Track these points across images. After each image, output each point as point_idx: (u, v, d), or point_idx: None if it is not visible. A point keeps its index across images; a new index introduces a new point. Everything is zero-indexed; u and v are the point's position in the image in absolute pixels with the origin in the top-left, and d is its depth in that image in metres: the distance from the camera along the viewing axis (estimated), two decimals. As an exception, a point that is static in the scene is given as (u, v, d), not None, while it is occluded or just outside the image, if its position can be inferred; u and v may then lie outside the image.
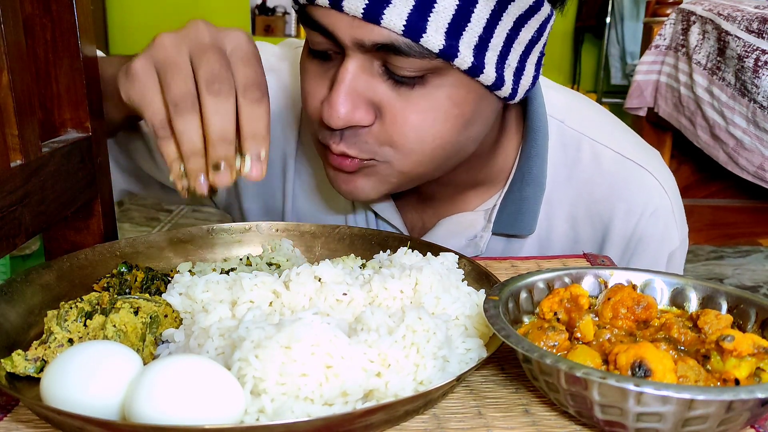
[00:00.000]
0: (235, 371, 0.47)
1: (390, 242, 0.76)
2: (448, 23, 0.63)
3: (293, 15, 4.71)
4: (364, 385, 0.48)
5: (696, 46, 1.94)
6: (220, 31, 0.63)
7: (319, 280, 0.59)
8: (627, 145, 0.87)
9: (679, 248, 0.88)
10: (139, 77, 0.60)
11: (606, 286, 0.60)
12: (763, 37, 1.69)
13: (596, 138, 0.85)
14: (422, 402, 0.50)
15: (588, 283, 0.61)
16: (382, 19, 0.62)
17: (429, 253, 0.69)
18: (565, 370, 0.45)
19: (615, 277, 0.61)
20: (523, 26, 0.68)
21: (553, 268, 0.61)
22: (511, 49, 0.68)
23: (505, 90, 0.69)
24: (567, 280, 0.60)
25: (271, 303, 0.59)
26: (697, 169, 2.18)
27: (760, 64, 1.68)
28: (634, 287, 0.58)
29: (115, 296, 0.59)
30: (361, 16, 0.62)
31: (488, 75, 0.67)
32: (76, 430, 0.46)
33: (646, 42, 2.30)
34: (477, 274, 0.69)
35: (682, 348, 0.52)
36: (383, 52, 0.64)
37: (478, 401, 0.53)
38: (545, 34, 0.72)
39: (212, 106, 0.58)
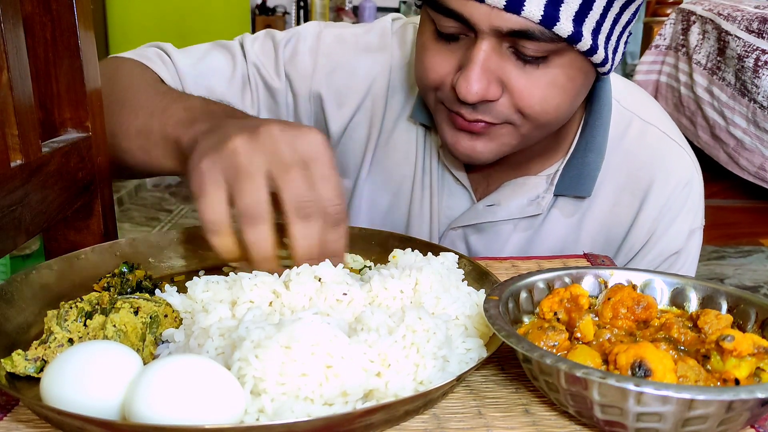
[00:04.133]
0: (235, 371, 0.47)
1: (390, 242, 0.76)
2: (576, 11, 0.71)
3: (293, 15, 4.71)
4: (364, 385, 0.48)
5: (696, 46, 1.94)
6: (297, 138, 0.63)
7: (319, 280, 0.59)
8: (670, 127, 0.96)
9: (698, 230, 0.96)
10: (204, 178, 0.61)
11: (606, 286, 0.60)
12: (763, 37, 1.69)
13: (645, 118, 0.94)
14: (422, 402, 0.50)
15: (588, 283, 0.61)
16: (523, 9, 0.70)
17: (429, 253, 0.69)
18: (565, 370, 0.45)
19: (615, 277, 0.61)
20: (626, 10, 0.77)
21: (553, 268, 0.61)
22: (614, 30, 0.77)
23: (607, 66, 0.79)
24: (567, 280, 0.60)
25: (271, 303, 0.58)
26: (697, 170, 2.18)
27: (760, 64, 1.68)
28: (634, 287, 0.58)
29: (115, 296, 0.59)
30: (503, 7, 0.70)
31: (599, 55, 0.75)
32: (76, 430, 0.46)
33: (646, 42, 2.30)
34: (477, 274, 0.69)
35: (682, 348, 0.52)
36: (515, 37, 0.72)
37: (478, 401, 0.53)
38: (637, 15, 0.80)
39: (301, 231, 0.61)
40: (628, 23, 0.79)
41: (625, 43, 0.82)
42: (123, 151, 0.82)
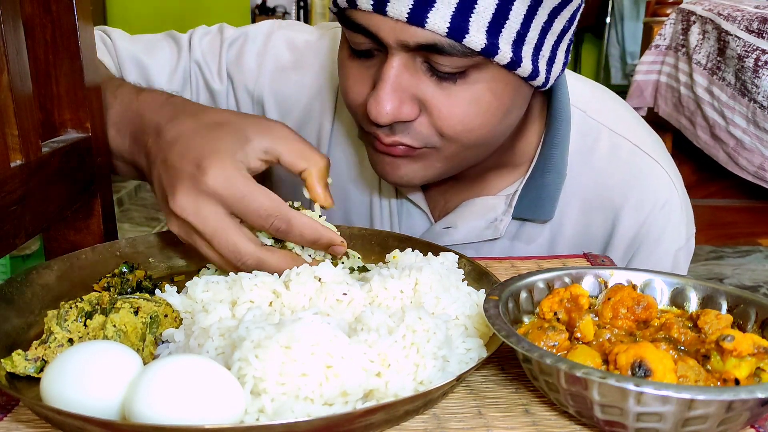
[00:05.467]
0: (235, 371, 0.47)
1: (390, 242, 0.77)
2: (489, 22, 0.65)
3: (293, 15, 4.71)
4: (364, 385, 0.48)
5: (696, 46, 1.94)
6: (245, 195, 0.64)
7: (319, 280, 0.59)
8: (644, 139, 0.89)
9: (684, 247, 0.89)
10: (178, 223, 0.65)
11: (606, 286, 0.60)
12: (763, 37, 1.69)
13: (615, 129, 0.87)
14: (422, 402, 0.50)
15: (588, 283, 0.61)
16: (426, 22, 0.64)
17: (429, 253, 0.69)
18: (565, 370, 0.45)
19: (615, 277, 0.61)
20: (557, 17, 0.70)
21: (553, 268, 0.61)
22: (545, 40, 0.70)
23: (540, 79, 0.72)
24: (567, 280, 0.60)
25: (271, 303, 0.59)
26: (697, 169, 2.18)
27: (760, 64, 1.68)
28: (634, 287, 0.58)
29: (115, 296, 0.59)
30: (406, 19, 0.64)
31: (525, 67, 0.69)
32: (76, 430, 0.46)
33: (646, 42, 2.30)
34: (477, 274, 0.69)
35: (682, 348, 0.52)
36: (425, 51, 0.66)
37: (478, 401, 0.53)
38: (575, 22, 0.74)
39: (270, 264, 0.63)
40: (564, 31, 0.72)
41: (566, 51, 0.75)
42: None
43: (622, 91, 1.28)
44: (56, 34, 0.72)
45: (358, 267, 0.71)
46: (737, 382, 0.47)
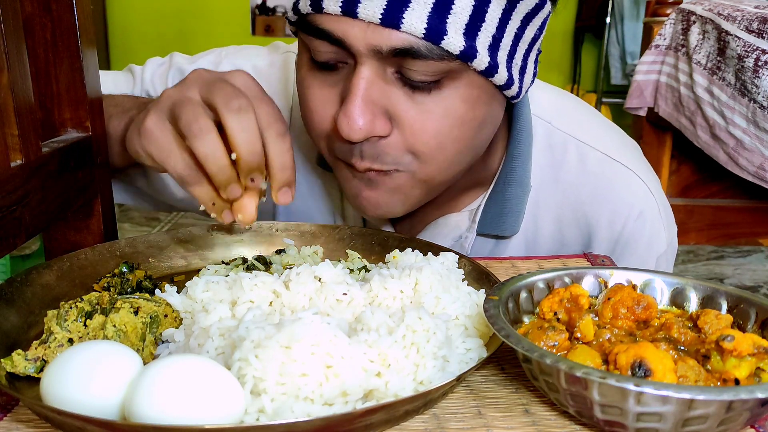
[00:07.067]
0: (235, 371, 0.47)
1: (390, 242, 0.76)
2: (466, 24, 0.62)
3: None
4: (364, 385, 0.48)
5: (696, 46, 1.94)
6: (224, 73, 0.64)
7: (319, 280, 0.59)
8: (613, 146, 0.86)
9: (666, 252, 0.87)
10: (153, 132, 0.62)
11: (606, 286, 0.60)
12: (763, 37, 1.69)
13: (583, 139, 0.84)
14: (422, 402, 0.50)
15: (588, 283, 0.61)
16: (402, 23, 0.60)
17: (429, 253, 0.69)
18: (565, 370, 0.45)
19: (615, 277, 0.61)
20: (528, 24, 0.68)
21: (553, 268, 0.61)
22: (518, 47, 0.68)
23: (513, 89, 0.69)
24: (567, 280, 0.60)
25: (271, 303, 0.59)
26: (697, 169, 2.18)
27: (760, 64, 1.68)
28: (634, 287, 0.58)
29: (115, 296, 0.60)
30: (379, 21, 0.60)
31: (501, 75, 0.66)
32: (76, 430, 0.46)
33: (646, 42, 2.30)
34: (477, 274, 0.69)
35: (682, 348, 0.52)
36: (399, 57, 0.63)
37: (478, 401, 0.53)
38: (544, 31, 0.72)
39: (236, 123, 0.59)
40: (534, 40, 0.70)
41: (535, 62, 0.72)
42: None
43: (622, 91, 1.27)
44: (56, 34, 0.72)
45: (358, 267, 0.71)
46: (737, 382, 0.47)
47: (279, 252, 0.76)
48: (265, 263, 0.73)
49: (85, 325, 0.56)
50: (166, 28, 4.32)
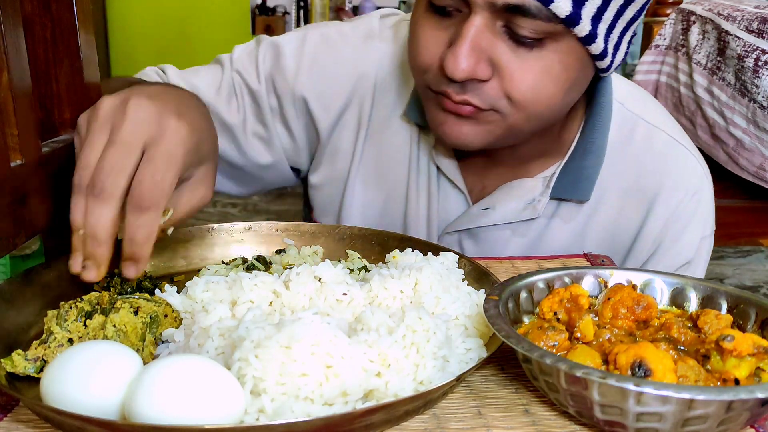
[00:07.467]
0: (235, 371, 0.47)
1: (390, 242, 0.77)
2: None
3: (293, 15, 4.71)
4: (364, 385, 0.48)
5: (696, 46, 1.94)
6: (151, 114, 0.62)
7: (319, 280, 0.59)
8: (678, 131, 0.94)
9: (709, 236, 0.94)
10: (93, 128, 0.61)
11: (606, 286, 0.60)
12: (763, 37, 1.69)
13: (651, 121, 0.91)
14: (422, 402, 0.50)
15: (588, 283, 0.61)
16: None
17: (429, 253, 0.69)
18: (565, 370, 0.45)
19: (615, 277, 0.61)
20: (630, 4, 0.73)
21: (553, 268, 0.61)
22: (617, 23, 0.73)
23: (606, 62, 0.75)
24: (567, 280, 0.60)
25: (271, 303, 0.59)
26: (697, 169, 2.18)
27: (760, 64, 1.68)
28: (634, 287, 0.58)
29: (115, 296, 0.59)
30: None
31: (598, 45, 0.72)
32: (76, 430, 0.46)
33: (646, 42, 2.30)
34: (477, 274, 0.69)
35: (682, 348, 0.52)
36: (510, 13, 0.69)
37: (478, 401, 0.53)
38: (642, 15, 0.77)
39: (91, 208, 0.58)
40: (632, 20, 0.76)
41: (629, 43, 0.79)
42: None
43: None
44: (56, 34, 0.72)
45: (358, 267, 0.71)
46: (737, 382, 0.47)
47: (279, 252, 0.76)
48: (265, 263, 0.73)
49: (85, 325, 0.56)
50: (166, 28, 4.32)
